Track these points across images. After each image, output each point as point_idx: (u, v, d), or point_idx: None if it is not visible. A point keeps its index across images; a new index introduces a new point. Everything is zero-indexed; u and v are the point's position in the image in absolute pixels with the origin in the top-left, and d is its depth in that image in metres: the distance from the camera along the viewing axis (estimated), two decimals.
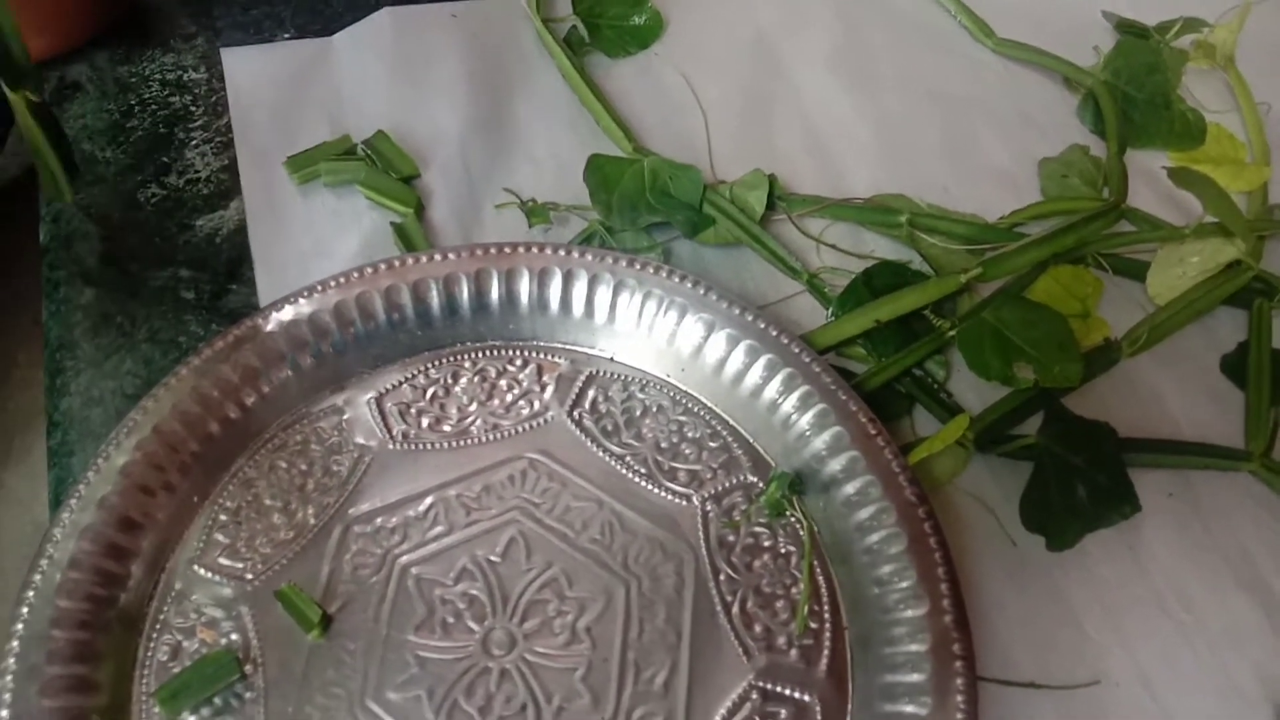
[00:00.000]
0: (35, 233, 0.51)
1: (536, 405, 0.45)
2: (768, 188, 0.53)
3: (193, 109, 0.56)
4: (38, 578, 0.38)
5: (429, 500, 0.42)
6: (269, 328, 0.44)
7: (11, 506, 0.84)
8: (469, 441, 0.44)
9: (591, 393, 0.45)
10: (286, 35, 0.59)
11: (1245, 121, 0.61)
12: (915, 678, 0.37)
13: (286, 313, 0.44)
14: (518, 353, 0.46)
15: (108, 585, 0.39)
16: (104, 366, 0.47)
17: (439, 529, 0.42)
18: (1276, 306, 0.52)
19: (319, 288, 0.45)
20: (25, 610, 0.37)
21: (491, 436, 0.44)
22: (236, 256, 0.50)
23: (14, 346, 1.00)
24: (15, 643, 0.36)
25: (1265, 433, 0.48)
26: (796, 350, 0.44)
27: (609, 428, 0.44)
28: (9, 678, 0.36)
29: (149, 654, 0.38)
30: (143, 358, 0.47)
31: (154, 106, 0.56)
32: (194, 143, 0.54)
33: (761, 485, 0.43)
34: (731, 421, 0.45)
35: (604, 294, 0.46)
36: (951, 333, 0.48)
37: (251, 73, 0.57)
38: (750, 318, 0.45)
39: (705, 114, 0.57)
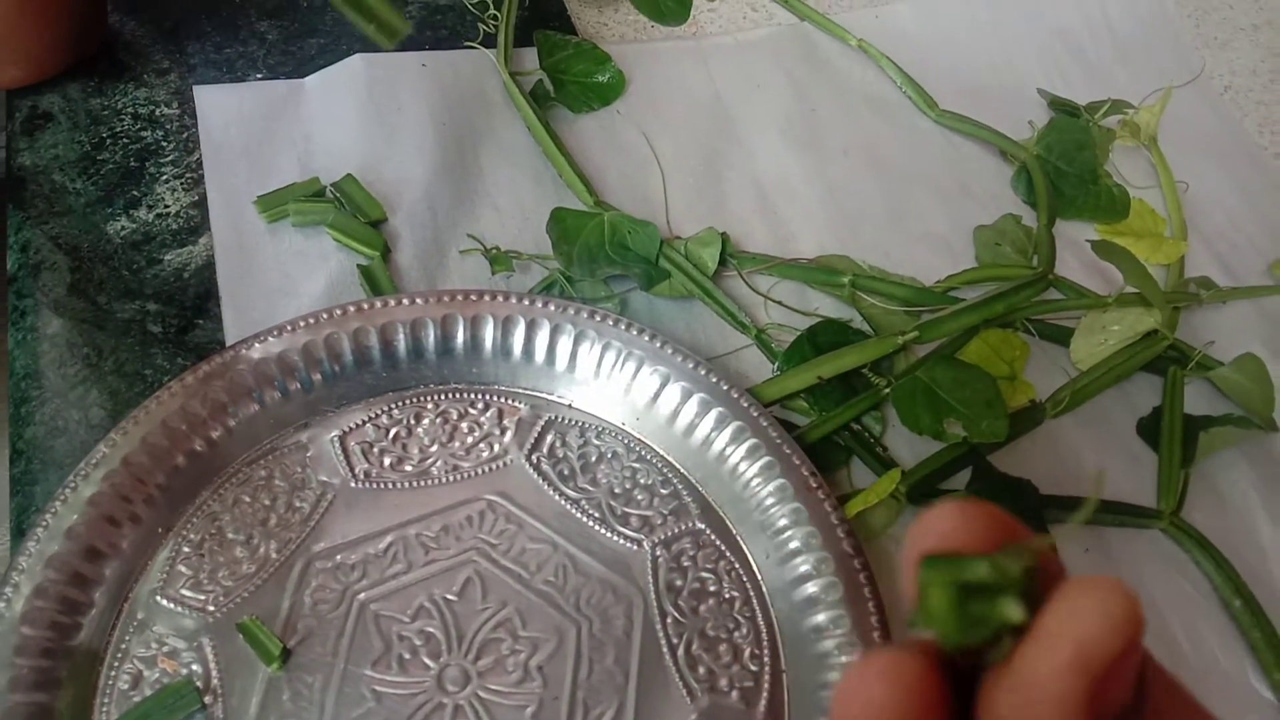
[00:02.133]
0: None
1: (496, 448, 0.47)
2: (720, 245, 0.55)
3: (164, 144, 0.57)
4: (2, 605, 0.39)
5: (389, 538, 0.44)
6: (238, 364, 0.45)
7: None
8: (429, 482, 0.46)
9: (550, 438, 0.47)
10: (259, 75, 0.61)
11: (1166, 198, 0.65)
12: None
13: (256, 350, 0.46)
14: (479, 396, 0.48)
15: (71, 614, 0.40)
16: (69, 397, 0.48)
17: (398, 567, 0.43)
18: (1189, 374, 0.56)
19: (289, 327, 0.46)
20: None
21: (451, 477, 0.46)
22: (204, 292, 0.51)
23: None
24: None
25: (1175, 493, 0.51)
26: (745, 405, 0.46)
27: (566, 472, 0.46)
28: None
29: (110, 683, 0.39)
30: (109, 389, 0.48)
31: (125, 140, 0.57)
32: (165, 177, 0.55)
33: (709, 531, 0.45)
34: (682, 470, 0.47)
35: (565, 343, 0.48)
36: (888, 390, 0.51)
37: (223, 111, 0.58)
38: (703, 372, 0.47)
39: (663, 171, 0.60)
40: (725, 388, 0.47)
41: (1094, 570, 0.49)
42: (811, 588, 0.42)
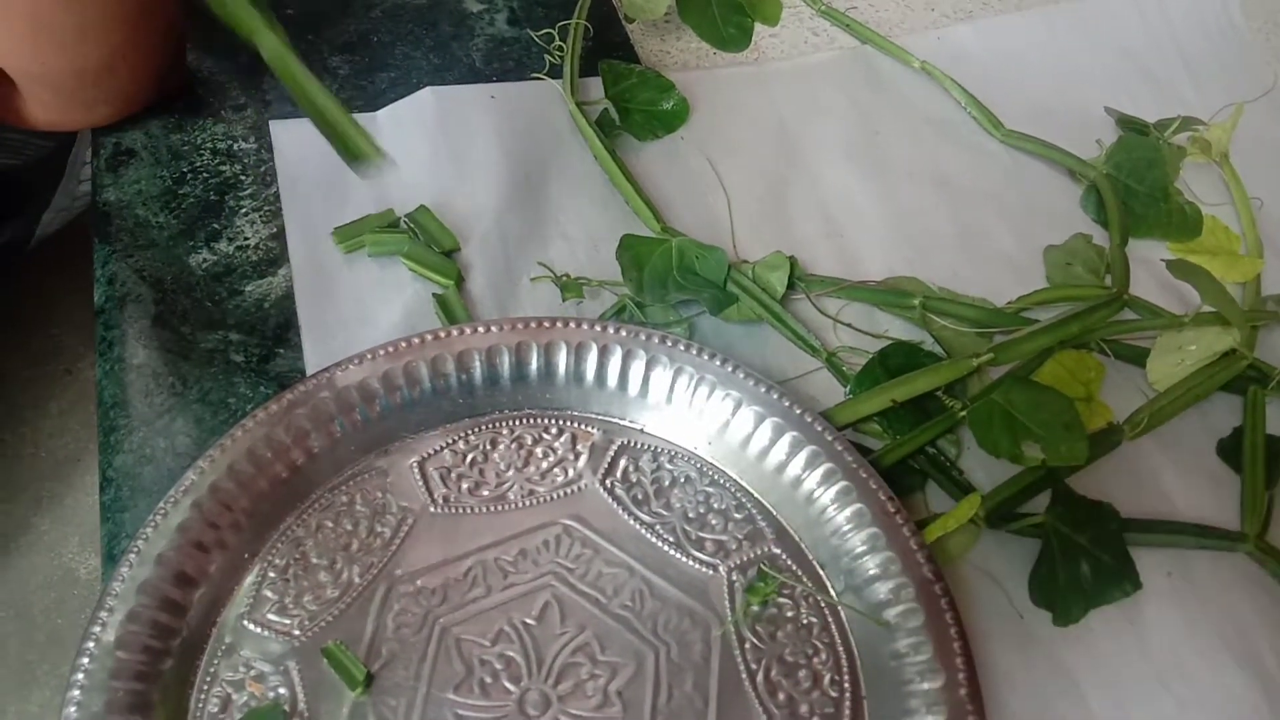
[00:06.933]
0: (73, 284, 0.53)
1: (571, 473, 0.47)
2: (788, 269, 0.55)
3: (242, 178, 0.58)
4: (97, 629, 0.40)
5: (468, 563, 0.44)
6: (320, 392, 0.46)
7: (41, 552, 0.85)
8: (506, 506, 0.46)
9: (623, 462, 0.48)
10: None
11: (1239, 215, 0.64)
12: None
13: (338, 378, 0.47)
14: (553, 421, 0.49)
15: (163, 638, 0.41)
16: (156, 425, 0.49)
17: (478, 591, 0.44)
18: (1270, 393, 0.55)
19: (369, 355, 0.47)
20: (86, 661, 0.39)
21: (528, 502, 0.46)
22: (284, 322, 0.53)
23: (46, 395, 1.01)
24: (77, 692, 0.38)
25: (1260, 515, 0.50)
26: (819, 428, 0.46)
27: (639, 496, 0.47)
28: None
29: (200, 706, 0.40)
30: (194, 417, 0.49)
31: (205, 174, 0.58)
32: (244, 210, 0.57)
33: (784, 556, 0.45)
34: (756, 494, 0.47)
35: (637, 368, 0.48)
36: (963, 413, 0.51)
37: (299, 145, 0.59)
38: (775, 395, 0.47)
39: (729, 197, 0.60)
40: (798, 411, 0.47)
41: (1177, 593, 0.48)
42: (891, 614, 0.42)
